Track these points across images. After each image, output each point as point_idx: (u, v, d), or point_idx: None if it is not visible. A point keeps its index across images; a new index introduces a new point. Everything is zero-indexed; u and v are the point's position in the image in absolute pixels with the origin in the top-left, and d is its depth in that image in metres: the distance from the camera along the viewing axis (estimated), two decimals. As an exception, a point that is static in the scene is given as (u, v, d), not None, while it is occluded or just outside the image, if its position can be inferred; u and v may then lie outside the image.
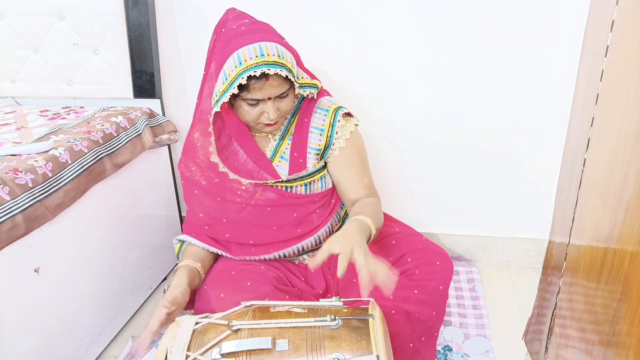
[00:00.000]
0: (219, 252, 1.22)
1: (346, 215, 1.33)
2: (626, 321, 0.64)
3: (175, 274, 1.13)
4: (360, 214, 1.08)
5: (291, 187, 1.20)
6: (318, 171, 1.22)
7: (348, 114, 1.23)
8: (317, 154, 1.21)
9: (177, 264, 1.20)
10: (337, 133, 1.20)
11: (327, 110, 1.20)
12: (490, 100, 1.57)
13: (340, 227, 1.32)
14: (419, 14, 1.49)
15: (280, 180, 1.20)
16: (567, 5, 1.40)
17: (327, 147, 1.21)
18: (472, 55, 1.52)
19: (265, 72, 1.03)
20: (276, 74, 1.05)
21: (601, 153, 0.79)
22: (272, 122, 1.13)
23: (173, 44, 1.67)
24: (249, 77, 1.04)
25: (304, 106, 1.22)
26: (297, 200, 1.22)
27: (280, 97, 1.11)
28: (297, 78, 1.12)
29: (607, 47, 0.79)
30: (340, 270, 0.87)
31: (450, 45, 1.52)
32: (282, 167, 1.21)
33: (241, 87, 1.06)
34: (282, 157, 1.22)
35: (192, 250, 1.21)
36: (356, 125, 1.23)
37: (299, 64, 1.18)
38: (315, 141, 1.20)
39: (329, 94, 1.26)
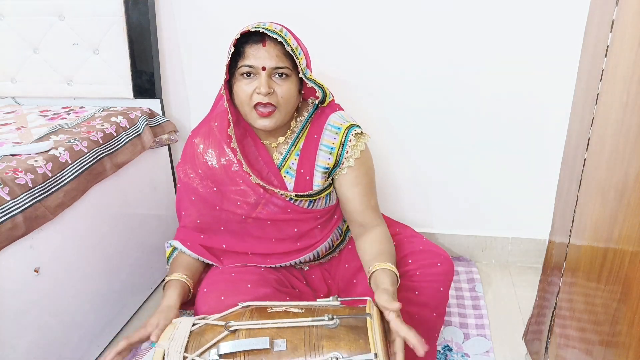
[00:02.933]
0: (213, 263, 1.20)
1: (348, 230, 1.32)
2: (626, 321, 0.64)
3: (166, 290, 1.10)
4: (382, 259, 1.08)
5: (296, 200, 1.18)
6: (325, 189, 1.19)
7: (360, 133, 1.18)
8: (325, 173, 1.17)
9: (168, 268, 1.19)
10: (347, 152, 1.16)
11: (338, 128, 1.16)
12: (489, 100, 1.57)
13: (342, 240, 1.31)
14: (419, 22, 1.50)
15: (287, 192, 1.17)
16: (566, 5, 1.40)
17: (336, 166, 1.17)
18: (472, 58, 1.52)
19: (261, 32, 1.04)
20: (274, 45, 1.06)
21: (601, 153, 0.79)
22: (265, 103, 1.07)
23: (173, 44, 1.67)
24: (247, 41, 1.06)
25: (314, 121, 1.19)
26: (300, 216, 1.19)
27: (278, 74, 1.08)
28: (305, 72, 1.09)
29: (607, 47, 0.79)
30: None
31: (452, 48, 1.52)
32: (287, 182, 1.19)
33: (240, 55, 1.07)
34: (287, 172, 1.19)
35: (183, 260, 1.19)
36: (366, 143, 1.19)
37: (309, 66, 1.14)
38: (324, 159, 1.17)
39: (340, 109, 1.22)
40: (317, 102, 1.20)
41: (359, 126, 1.18)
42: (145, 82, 1.62)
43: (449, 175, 1.71)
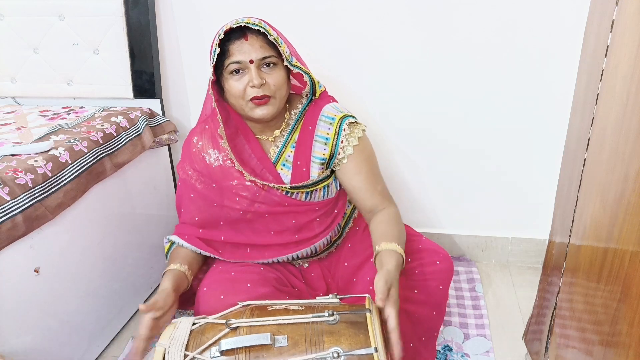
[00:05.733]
0: (210, 255, 1.21)
1: (347, 223, 1.33)
2: (626, 321, 0.64)
3: (163, 279, 1.12)
4: (389, 239, 1.06)
5: (292, 193, 1.19)
6: (322, 180, 1.20)
7: (354, 123, 1.19)
8: (322, 164, 1.18)
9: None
10: (342, 142, 1.17)
11: (332, 119, 1.17)
12: (490, 99, 1.57)
13: (341, 236, 1.31)
14: (419, 22, 1.50)
15: (282, 186, 1.18)
16: (566, 5, 1.40)
17: (332, 157, 1.18)
18: (472, 58, 1.52)
19: (242, 26, 1.06)
20: (256, 37, 1.08)
21: (601, 153, 0.79)
22: (260, 95, 1.09)
23: (173, 44, 1.67)
24: (229, 39, 1.07)
25: (309, 113, 1.20)
26: (297, 208, 1.20)
27: (267, 65, 1.10)
28: (290, 60, 1.11)
29: (607, 47, 0.79)
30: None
31: (452, 48, 1.51)
32: (284, 175, 1.20)
33: (224, 55, 1.08)
34: (284, 165, 1.20)
35: (181, 252, 1.20)
36: (363, 130, 1.20)
37: (294, 54, 1.15)
38: (319, 150, 1.18)
39: (334, 100, 1.23)
40: (309, 92, 1.20)
41: (353, 116, 1.19)
42: (145, 82, 1.62)
43: (449, 175, 1.71)
